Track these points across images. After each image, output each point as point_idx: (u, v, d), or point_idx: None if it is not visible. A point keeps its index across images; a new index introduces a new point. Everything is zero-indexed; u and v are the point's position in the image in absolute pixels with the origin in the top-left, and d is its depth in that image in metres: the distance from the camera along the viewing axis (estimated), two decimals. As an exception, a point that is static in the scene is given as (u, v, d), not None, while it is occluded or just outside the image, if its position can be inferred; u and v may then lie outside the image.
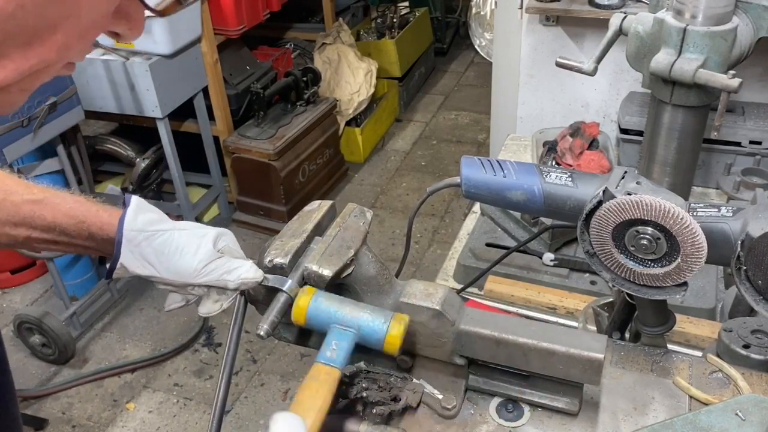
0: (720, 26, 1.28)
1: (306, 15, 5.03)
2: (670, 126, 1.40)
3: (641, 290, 0.97)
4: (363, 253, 0.96)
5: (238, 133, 3.82)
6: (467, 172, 1.02)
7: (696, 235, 0.87)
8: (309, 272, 0.91)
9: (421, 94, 5.54)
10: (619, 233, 0.94)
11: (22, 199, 0.93)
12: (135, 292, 3.54)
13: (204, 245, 0.96)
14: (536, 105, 2.86)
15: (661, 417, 1.00)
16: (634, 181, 0.93)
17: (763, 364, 1.09)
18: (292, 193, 3.91)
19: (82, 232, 0.95)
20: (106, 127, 4.49)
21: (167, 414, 2.90)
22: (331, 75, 4.52)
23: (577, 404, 1.00)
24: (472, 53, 6.05)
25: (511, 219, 1.88)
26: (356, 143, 4.58)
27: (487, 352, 0.98)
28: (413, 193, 4.34)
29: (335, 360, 0.89)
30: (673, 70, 1.28)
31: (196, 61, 3.39)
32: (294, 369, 3.11)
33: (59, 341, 3.02)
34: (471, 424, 1.01)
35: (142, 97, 3.14)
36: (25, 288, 3.65)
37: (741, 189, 2.08)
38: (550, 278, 1.74)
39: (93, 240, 0.96)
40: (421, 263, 3.71)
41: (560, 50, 2.62)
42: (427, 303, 0.96)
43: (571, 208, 0.97)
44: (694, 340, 1.47)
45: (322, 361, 0.90)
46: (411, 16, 5.33)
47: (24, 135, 2.60)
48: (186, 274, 0.94)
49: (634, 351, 1.14)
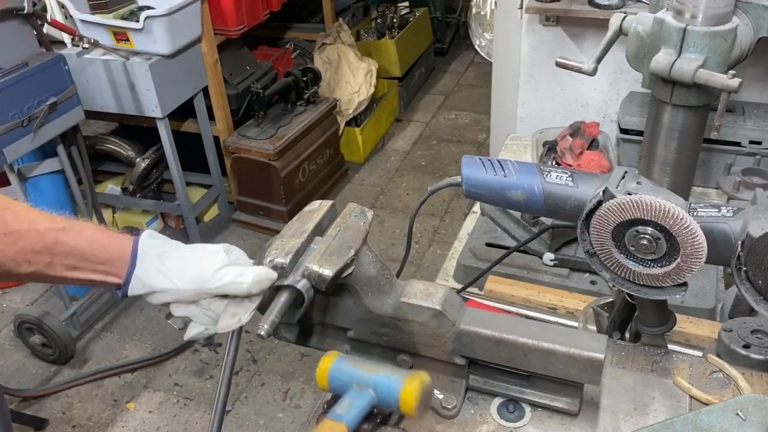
0: (720, 26, 1.28)
1: (306, 15, 5.03)
2: (670, 126, 1.40)
3: (641, 290, 0.97)
4: (363, 253, 0.96)
5: (238, 133, 3.82)
6: (468, 172, 1.02)
7: (696, 235, 0.87)
8: (309, 272, 0.91)
9: (421, 94, 5.54)
10: (619, 233, 0.94)
11: (45, 227, 0.95)
12: (135, 292, 3.53)
13: (217, 254, 0.97)
14: (536, 105, 2.86)
15: (661, 417, 1.00)
16: (634, 181, 0.93)
17: (763, 364, 1.09)
18: (292, 193, 3.91)
19: (102, 256, 0.97)
20: (106, 127, 4.49)
21: (167, 414, 2.90)
22: (331, 75, 4.52)
23: (577, 404, 1.00)
24: (472, 53, 6.05)
25: (511, 219, 1.88)
26: (356, 143, 4.58)
27: (488, 352, 0.98)
28: (413, 193, 4.34)
29: (344, 417, 0.88)
30: (673, 70, 1.28)
31: (196, 61, 3.39)
32: (294, 369, 3.11)
33: (59, 341, 3.02)
34: (471, 424, 1.01)
35: (142, 97, 3.14)
36: (25, 288, 3.64)
37: (741, 189, 2.08)
38: (550, 278, 1.74)
39: (113, 264, 0.97)
40: (421, 263, 3.71)
41: (560, 50, 2.63)
42: (428, 303, 0.96)
43: (572, 208, 0.97)
44: (695, 340, 1.47)
45: (330, 417, 0.89)
46: (411, 16, 5.33)
47: (24, 135, 2.60)
48: (201, 279, 0.95)
49: (635, 351, 1.14)
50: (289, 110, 4.01)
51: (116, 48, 3.08)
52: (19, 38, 2.62)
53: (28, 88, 2.59)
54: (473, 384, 1.04)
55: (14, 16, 2.55)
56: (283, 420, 2.89)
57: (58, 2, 3.04)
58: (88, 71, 3.12)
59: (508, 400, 1.04)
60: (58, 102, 2.71)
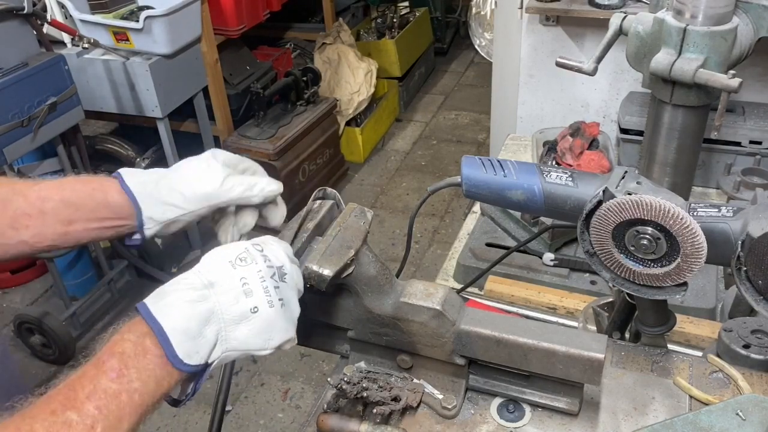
0: (720, 26, 1.28)
1: (306, 15, 5.03)
2: (670, 126, 1.40)
3: (641, 290, 0.97)
4: (363, 253, 0.96)
5: (238, 133, 3.82)
6: (468, 172, 1.02)
7: (696, 235, 0.87)
8: (309, 272, 0.91)
9: (421, 94, 5.54)
10: (619, 233, 0.94)
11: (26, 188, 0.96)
12: (135, 292, 3.54)
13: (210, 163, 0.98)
14: (536, 105, 2.86)
15: (661, 417, 1.00)
16: (634, 181, 0.93)
17: (763, 364, 1.09)
18: (292, 193, 3.91)
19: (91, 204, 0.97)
20: (106, 127, 4.49)
21: (167, 414, 2.90)
22: (331, 75, 4.52)
23: (577, 404, 1.00)
24: (472, 53, 6.05)
25: (511, 219, 1.88)
26: (356, 143, 4.58)
27: (488, 352, 0.98)
28: (413, 193, 4.34)
29: None
30: (673, 70, 1.28)
31: (196, 61, 3.39)
32: (294, 369, 3.11)
33: (59, 341, 3.02)
34: (471, 424, 1.01)
35: (142, 97, 3.14)
36: (25, 288, 3.64)
37: (741, 189, 2.08)
38: (550, 278, 1.74)
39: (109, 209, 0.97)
40: (421, 263, 3.71)
41: (560, 50, 2.63)
42: (428, 303, 0.96)
43: (572, 208, 0.97)
44: (694, 340, 1.47)
45: None
46: (411, 16, 5.33)
47: (24, 135, 2.60)
48: (212, 195, 0.96)
49: (635, 351, 1.14)
50: (289, 110, 4.01)
51: (116, 48, 3.08)
52: (19, 38, 2.61)
53: (28, 88, 2.59)
54: (473, 384, 1.04)
55: (14, 16, 2.55)
56: (283, 420, 2.89)
57: (58, 2, 3.04)
58: (88, 71, 3.12)
59: (508, 400, 1.04)
60: (58, 102, 2.71)
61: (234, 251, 0.81)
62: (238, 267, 0.79)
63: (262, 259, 0.80)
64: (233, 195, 0.98)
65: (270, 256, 0.82)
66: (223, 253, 0.81)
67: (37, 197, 0.96)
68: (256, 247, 0.82)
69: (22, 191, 0.97)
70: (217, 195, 0.97)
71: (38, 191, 0.97)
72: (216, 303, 0.77)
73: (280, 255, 0.83)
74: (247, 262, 0.79)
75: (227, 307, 0.77)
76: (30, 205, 0.96)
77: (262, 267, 0.80)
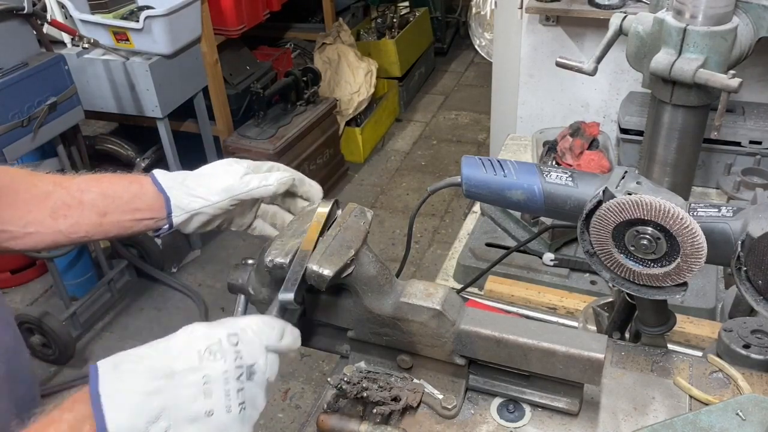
0: (720, 26, 1.28)
1: (306, 15, 5.03)
2: (670, 126, 1.40)
3: (641, 290, 0.97)
4: (363, 253, 0.96)
5: (238, 133, 3.82)
6: (468, 172, 1.02)
7: (696, 235, 0.87)
8: (309, 272, 0.91)
9: (421, 94, 5.54)
10: (619, 233, 0.94)
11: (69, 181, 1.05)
12: (135, 292, 3.54)
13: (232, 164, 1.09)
14: (536, 105, 2.86)
15: (661, 417, 1.00)
16: (634, 181, 0.93)
17: (763, 364, 1.09)
18: (292, 193, 3.91)
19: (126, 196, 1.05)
20: (106, 127, 4.49)
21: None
22: (331, 75, 4.52)
23: (577, 404, 1.00)
24: (472, 53, 6.05)
25: (511, 219, 1.88)
26: (356, 143, 4.58)
27: (488, 352, 0.98)
28: (413, 193, 4.34)
29: None
30: (673, 70, 1.28)
31: (196, 61, 3.39)
32: (294, 369, 3.11)
33: (59, 341, 3.02)
34: (471, 424, 1.01)
35: (142, 97, 3.14)
36: (25, 288, 3.64)
37: (741, 189, 2.08)
38: (550, 278, 1.74)
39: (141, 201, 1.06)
40: (421, 263, 3.71)
41: (560, 50, 2.63)
42: (428, 303, 0.96)
43: (571, 208, 0.97)
44: (694, 340, 1.47)
45: None
46: (411, 16, 5.33)
47: (24, 135, 2.60)
48: (233, 187, 1.05)
49: (634, 351, 1.14)
50: (289, 110, 4.01)
51: (116, 48, 3.08)
52: (19, 38, 2.62)
53: (28, 88, 2.59)
54: (473, 384, 1.04)
55: (14, 16, 2.55)
56: (283, 420, 2.89)
57: (58, 2, 3.04)
58: (88, 71, 3.12)
59: (508, 400, 1.04)
60: (58, 102, 2.71)
61: (207, 340, 0.76)
62: (205, 361, 0.74)
63: (233, 356, 0.75)
64: (252, 186, 1.06)
65: (243, 352, 0.77)
66: (196, 340, 0.76)
67: (77, 189, 1.04)
68: (232, 339, 0.77)
69: (62, 183, 1.04)
70: (237, 187, 1.06)
71: (78, 183, 1.05)
72: (171, 398, 0.72)
73: (254, 351, 0.78)
74: (216, 357, 0.74)
75: (182, 403, 0.72)
76: (70, 196, 1.03)
77: (229, 366, 0.75)
